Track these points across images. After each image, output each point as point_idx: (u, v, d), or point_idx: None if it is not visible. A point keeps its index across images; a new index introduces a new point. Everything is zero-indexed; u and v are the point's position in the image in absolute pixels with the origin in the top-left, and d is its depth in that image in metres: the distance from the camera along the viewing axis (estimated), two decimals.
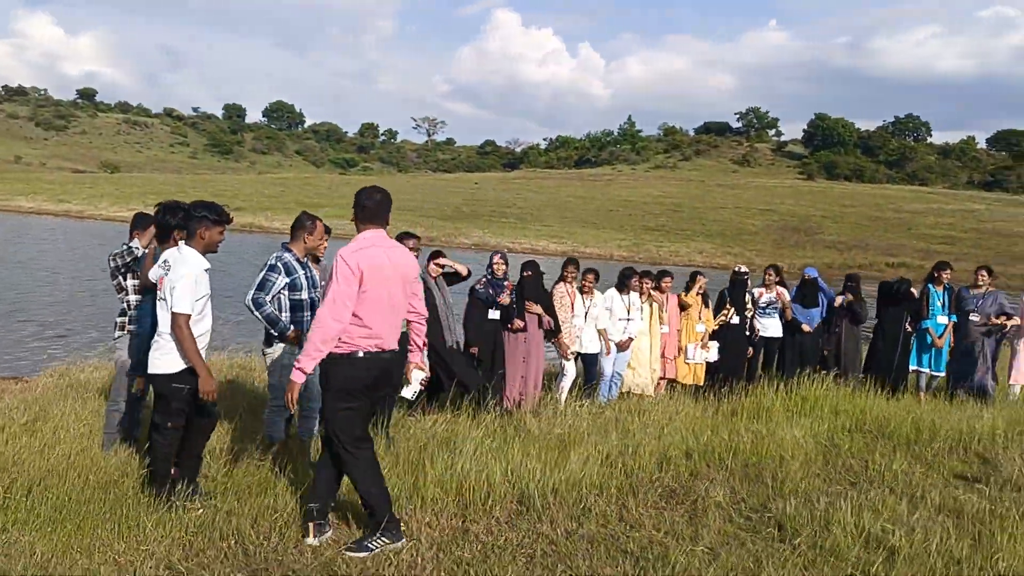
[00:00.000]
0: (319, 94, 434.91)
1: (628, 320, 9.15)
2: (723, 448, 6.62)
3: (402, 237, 6.83)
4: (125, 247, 5.89)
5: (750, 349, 10.05)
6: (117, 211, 54.75)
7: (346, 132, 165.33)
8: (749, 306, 9.97)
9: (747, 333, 9.97)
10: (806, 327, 9.93)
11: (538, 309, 8.24)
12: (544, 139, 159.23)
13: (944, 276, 9.84)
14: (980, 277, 9.86)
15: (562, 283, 8.92)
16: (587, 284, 9.02)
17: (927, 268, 12.43)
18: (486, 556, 4.40)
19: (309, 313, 5.91)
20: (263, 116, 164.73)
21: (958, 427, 7.70)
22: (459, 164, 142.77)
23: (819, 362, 9.99)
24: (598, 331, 9.01)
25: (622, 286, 9.18)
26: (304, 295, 5.96)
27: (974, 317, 9.60)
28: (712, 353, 9.76)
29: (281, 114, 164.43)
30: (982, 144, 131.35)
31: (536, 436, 6.68)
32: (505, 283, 8.16)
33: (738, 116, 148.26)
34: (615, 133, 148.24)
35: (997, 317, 9.53)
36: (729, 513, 5.24)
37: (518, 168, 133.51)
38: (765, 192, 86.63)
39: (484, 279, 8.15)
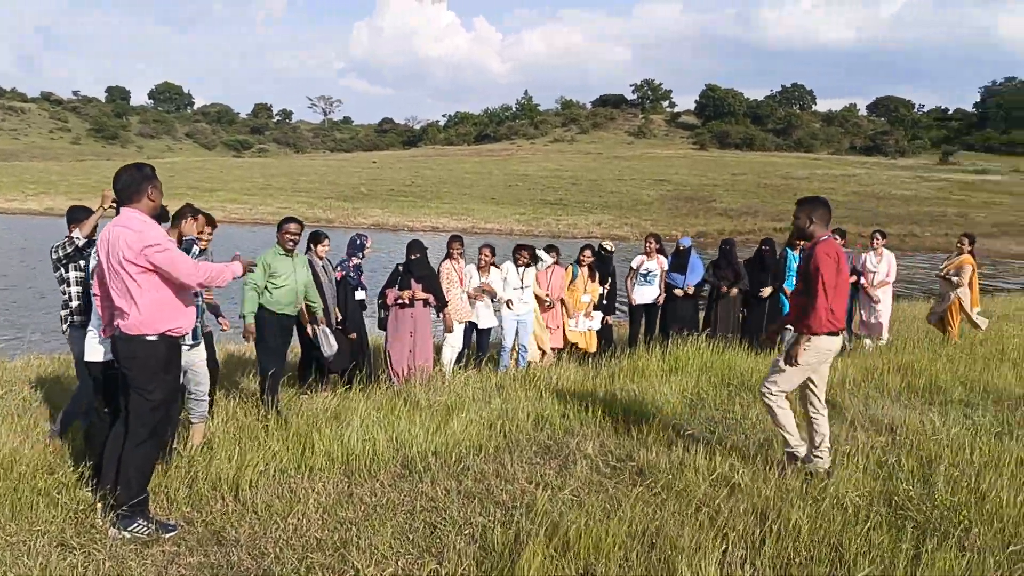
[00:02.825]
0: (208, 74, 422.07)
1: (523, 288, 9.60)
2: (598, 407, 7.11)
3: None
4: (67, 239, 5.94)
5: (606, 317, 10.71)
6: None
7: (238, 113, 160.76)
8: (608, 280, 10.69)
9: (604, 302, 10.65)
10: (678, 291, 10.52)
11: (423, 295, 8.59)
12: (443, 115, 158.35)
13: (798, 241, 10.58)
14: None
15: (448, 260, 9.28)
16: (484, 260, 9.48)
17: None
18: (368, 515, 4.75)
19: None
20: (149, 98, 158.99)
21: None
22: (357, 143, 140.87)
23: (698, 325, 10.62)
24: (504, 302, 9.48)
25: (516, 259, 9.68)
26: None
27: None
28: (595, 322, 10.32)
29: (168, 96, 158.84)
30: (863, 111, 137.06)
31: (423, 406, 7.04)
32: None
33: (633, 88, 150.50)
34: (513, 108, 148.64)
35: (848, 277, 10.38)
36: (597, 464, 5.70)
37: (417, 145, 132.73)
38: (660, 163, 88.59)
39: (353, 263, 8.46)
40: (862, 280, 10.62)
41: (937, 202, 62.92)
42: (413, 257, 8.62)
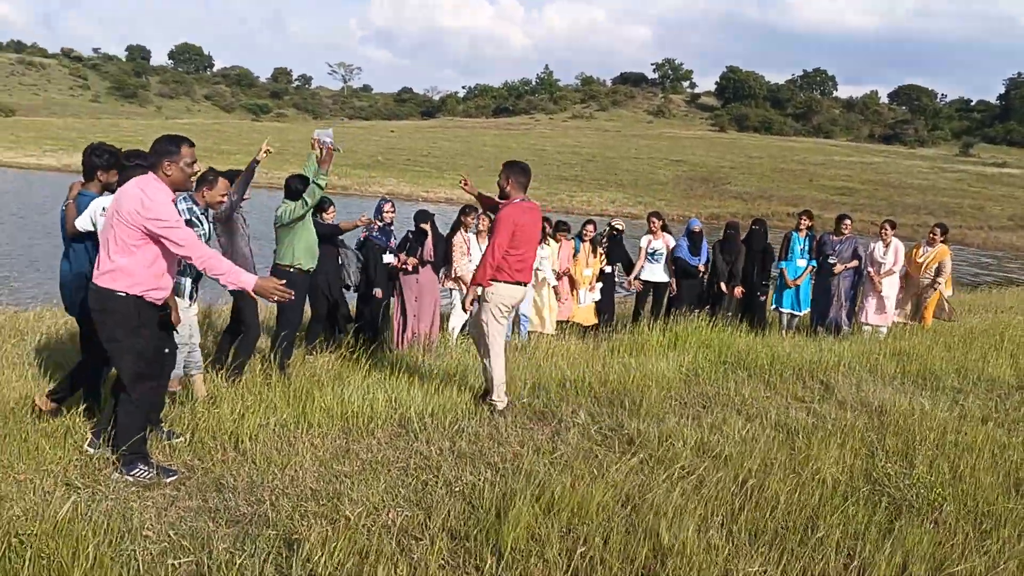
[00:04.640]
0: (228, 37, 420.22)
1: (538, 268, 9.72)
2: (594, 378, 7.25)
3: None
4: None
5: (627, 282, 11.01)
6: (14, 156, 52.87)
7: (258, 77, 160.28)
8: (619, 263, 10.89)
9: (615, 279, 10.84)
10: (700, 267, 10.63)
11: (413, 261, 8.67)
12: (463, 87, 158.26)
13: (803, 223, 10.68)
14: (844, 225, 10.70)
15: (461, 230, 9.40)
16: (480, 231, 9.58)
17: (825, 218, 13.06)
18: (363, 469, 4.92)
19: None
20: (169, 59, 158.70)
21: (809, 358, 8.52)
22: (376, 111, 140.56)
23: (703, 304, 10.71)
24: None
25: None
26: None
27: (831, 260, 10.47)
28: (598, 293, 10.48)
29: (188, 57, 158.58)
30: (884, 99, 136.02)
31: (424, 370, 7.21)
32: (392, 228, 8.65)
33: (654, 67, 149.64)
34: (533, 82, 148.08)
35: (848, 262, 10.45)
36: (588, 431, 5.85)
37: (436, 116, 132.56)
38: (677, 143, 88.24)
39: (377, 226, 8.58)
40: (869, 268, 10.59)
41: (954, 193, 62.50)
42: (421, 226, 8.75)
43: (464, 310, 6.43)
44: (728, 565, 3.72)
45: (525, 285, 6.42)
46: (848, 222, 10.77)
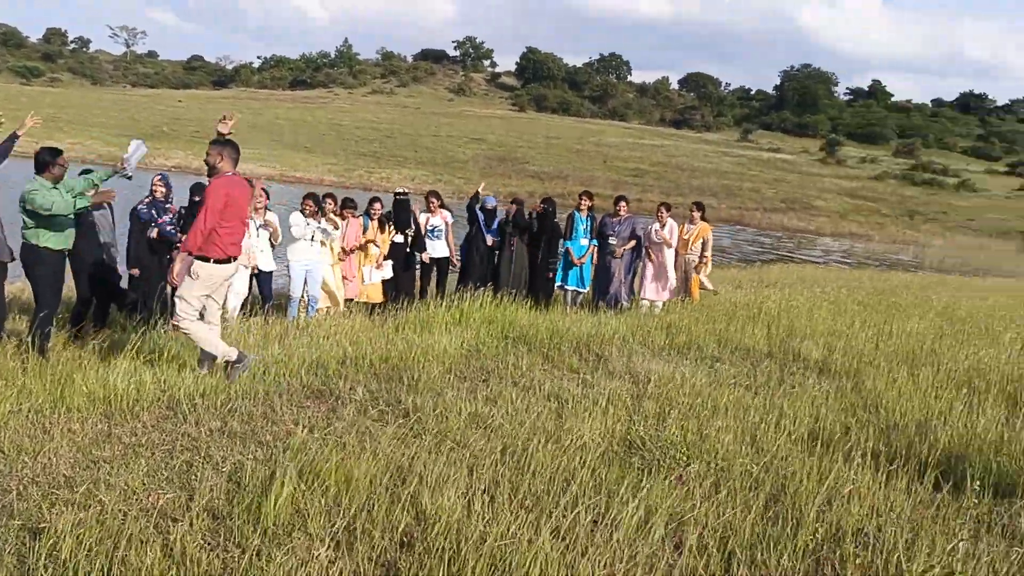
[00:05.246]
0: None
1: (312, 241, 9.55)
2: (376, 355, 7.30)
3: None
4: None
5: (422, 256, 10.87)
6: None
7: (27, 37, 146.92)
8: (412, 225, 10.72)
9: (407, 250, 10.74)
10: (491, 239, 10.87)
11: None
12: (258, 57, 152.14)
13: (584, 203, 11.17)
14: (620, 207, 11.27)
15: None
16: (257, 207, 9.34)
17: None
18: (124, 453, 4.73)
19: None
20: None
21: (587, 332, 8.95)
22: (163, 79, 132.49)
23: (490, 280, 10.96)
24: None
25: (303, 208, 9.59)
26: None
27: (612, 240, 11.03)
28: (386, 271, 10.47)
29: None
30: (675, 85, 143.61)
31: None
32: (168, 205, 8.27)
33: (455, 45, 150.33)
34: (332, 55, 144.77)
35: (627, 242, 11.06)
36: (366, 407, 5.90)
37: (228, 87, 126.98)
38: (477, 122, 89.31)
39: (147, 199, 8.20)
40: (647, 246, 11.25)
41: (735, 176, 67.19)
42: (195, 199, 8.44)
43: (168, 283, 6.47)
44: (487, 528, 3.89)
45: (234, 260, 6.53)
46: (624, 204, 11.34)
